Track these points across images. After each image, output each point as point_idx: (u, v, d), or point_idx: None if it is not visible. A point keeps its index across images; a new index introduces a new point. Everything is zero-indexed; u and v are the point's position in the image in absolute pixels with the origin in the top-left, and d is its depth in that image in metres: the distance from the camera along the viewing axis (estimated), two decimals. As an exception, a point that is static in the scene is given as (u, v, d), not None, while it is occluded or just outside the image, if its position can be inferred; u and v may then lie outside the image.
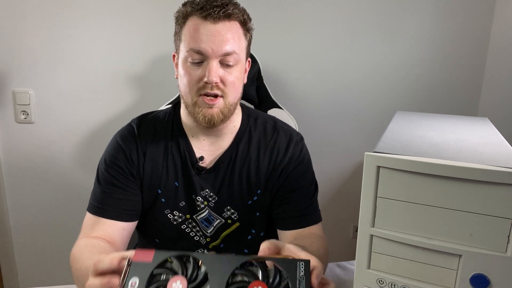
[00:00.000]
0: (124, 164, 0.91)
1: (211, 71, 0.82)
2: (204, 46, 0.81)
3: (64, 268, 1.71)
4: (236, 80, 0.86)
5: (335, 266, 0.96)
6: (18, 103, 1.52)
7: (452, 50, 1.73)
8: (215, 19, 0.81)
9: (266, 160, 0.94)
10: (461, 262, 0.56)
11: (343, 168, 1.80)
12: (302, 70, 1.65)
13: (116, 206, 0.89)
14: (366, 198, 0.59)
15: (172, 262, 0.55)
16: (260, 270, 0.54)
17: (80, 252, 0.82)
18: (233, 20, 0.84)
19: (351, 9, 1.62)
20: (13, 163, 1.58)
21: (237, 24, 0.85)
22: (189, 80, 0.85)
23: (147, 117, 0.97)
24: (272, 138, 0.95)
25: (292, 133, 0.98)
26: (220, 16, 0.81)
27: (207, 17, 0.81)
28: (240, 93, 0.90)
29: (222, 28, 0.82)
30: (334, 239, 1.86)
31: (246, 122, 0.96)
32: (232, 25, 0.84)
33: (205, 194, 0.93)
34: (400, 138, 0.68)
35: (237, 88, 0.87)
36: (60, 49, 1.50)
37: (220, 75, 0.83)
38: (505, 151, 0.62)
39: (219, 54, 0.82)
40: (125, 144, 0.92)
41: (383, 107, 1.74)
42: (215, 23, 0.82)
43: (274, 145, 0.95)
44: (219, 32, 0.82)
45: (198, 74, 0.84)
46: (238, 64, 0.86)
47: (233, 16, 0.83)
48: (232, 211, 0.93)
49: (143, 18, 1.51)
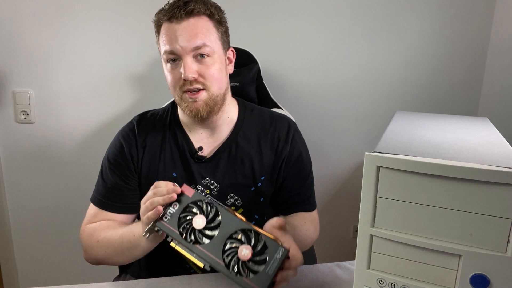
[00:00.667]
0: (125, 161, 0.96)
1: (185, 68, 0.86)
2: (175, 45, 0.86)
3: (64, 268, 1.71)
4: (216, 71, 0.89)
5: (335, 266, 0.96)
6: (18, 103, 1.52)
7: (452, 50, 1.73)
8: (178, 18, 0.86)
9: (267, 147, 0.98)
10: (461, 262, 0.56)
11: (343, 168, 1.80)
12: (302, 70, 1.65)
13: (117, 201, 0.95)
14: (366, 198, 0.59)
15: (204, 204, 0.74)
16: (254, 238, 0.70)
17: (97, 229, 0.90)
18: (197, 16, 0.87)
19: (351, 9, 1.62)
20: (13, 163, 1.58)
21: (203, 18, 0.88)
22: (171, 80, 0.90)
23: (148, 113, 1.02)
24: (271, 126, 1.00)
25: (289, 121, 1.03)
26: (181, 15, 0.85)
27: (171, 19, 0.86)
28: (225, 83, 0.94)
29: (187, 25, 0.86)
30: (334, 239, 1.86)
31: (243, 112, 1.01)
32: (198, 20, 0.87)
33: (206, 183, 0.96)
34: (400, 138, 0.68)
35: (218, 79, 0.90)
36: (60, 49, 1.50)
37: (196, 70, 0.87)
38: (505, 151, 0.62)
39: (189, 49, 0.86)
40: (125, 141, 0.97)
41: (383, 107, 1.74)
42: (179, 22, 0.86)
43: (274, 133, 0.99)
44: (185, 29, 0.86)
45: (177, 73, 0.88)
46: (214, 55, 0.89)
47: (196, 11, 0.86)
48: (235, 197, 0.97)
49: (143, 18, 1.51)
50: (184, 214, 0.74)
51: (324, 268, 0.95)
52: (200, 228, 0.72)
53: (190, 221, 0.73)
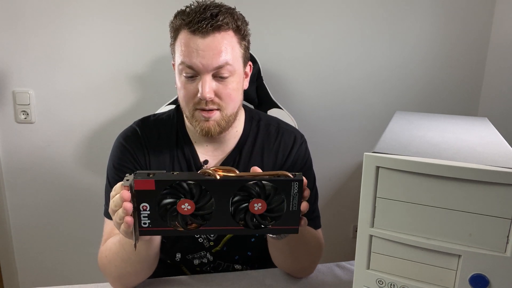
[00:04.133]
0: (132, 165, 0.90)
1: (203, 87, 0.80)
2: (195, 61, 0.79)
3: (64, 268, 1.71)
4: (233, 91, 0.84)
5: (335, 266, 0.96)
6: (18, 103, 1.52)
7: (452, 50, 1.73)
8: (203, 33, 0.78)
9: (270, 162, 0.94)
10: (460, 262, 0.56)
11: (343, 168, 1.80)
12: (302, 70, 1.65)
13: None
14: (366, 198, 0.59)
15: (176, 187, 0.60)
16: (259, 188, 0.61)
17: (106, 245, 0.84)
18: (224, 31, 0.80)
19: (351, 10, 1.62)
20: (13, 163, 1.58)
21: (229, 33, 0.81)
22: (185, 95, 0.84)
23: (149, 119, 0.97)
24: (276, 140, 0.95)
25: (296, 135, 0.98)
26: (208, 30, 0.78)
27: (195, 32, 0.79)
28: (239, 101, 0.89)
29: (212, 41, 0.79)
30: (334, 239, 1.86)
31: (249, 125, 0.96)
32: (224, 36, 0.80)
33: None
34: (400, 138, 0.68)
35: (234, 98, 0.85)
36: (60, 49, 1.50)
37: (214, 89, 0.81)
38: (505, 151, 0.62)
39: (210, 68, 0.80)
40: (130, 145, 0.91)
41: (383, 107, 1.74)
42: (204, 37, 0.79)
43: (279, 147, 0.95)
44: (209, 46, 0.79)
45: (192, 89, 0.82)
46: (234, 74, 0.83)
47: (224, 27, 0.80)
48: None
49: (144, 18, 1.51)
50: (162, 210, 0.61)
51: (323, 268, 0.95)
52: (192, 212, 0.61)
53: (175, 212, 0.61)
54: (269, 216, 0.63)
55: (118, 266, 0.81)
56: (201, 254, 0.96)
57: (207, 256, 0.97)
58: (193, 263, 0.98)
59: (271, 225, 0.63)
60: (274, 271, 0.94)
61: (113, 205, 0.63)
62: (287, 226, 0.63)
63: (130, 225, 0.62)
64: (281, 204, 0.62)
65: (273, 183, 0.61)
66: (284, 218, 0.63)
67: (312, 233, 0.90)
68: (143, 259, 0.80)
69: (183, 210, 0.61)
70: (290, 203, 0.63)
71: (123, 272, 0.81)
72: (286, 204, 0.62)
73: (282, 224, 0.63)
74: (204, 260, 0.97)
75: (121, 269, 0.81)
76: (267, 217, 0.63)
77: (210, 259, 0.97)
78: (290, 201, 0.63)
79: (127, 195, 0.60)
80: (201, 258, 0.97)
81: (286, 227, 0.64)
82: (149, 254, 0.80)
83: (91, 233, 1.64)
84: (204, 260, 0.97)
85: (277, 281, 0.90)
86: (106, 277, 0.85)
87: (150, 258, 0.81)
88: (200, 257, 0.97)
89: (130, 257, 0.78)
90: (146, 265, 0.82)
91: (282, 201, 0.62)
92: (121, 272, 0.81)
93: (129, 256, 0.78)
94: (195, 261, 0.97)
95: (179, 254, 0.97)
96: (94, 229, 1.58)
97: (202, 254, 0.96)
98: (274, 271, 0.94)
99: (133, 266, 0.80)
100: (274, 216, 0.63)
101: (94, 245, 0.98)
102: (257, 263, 1.01)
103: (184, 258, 0.97)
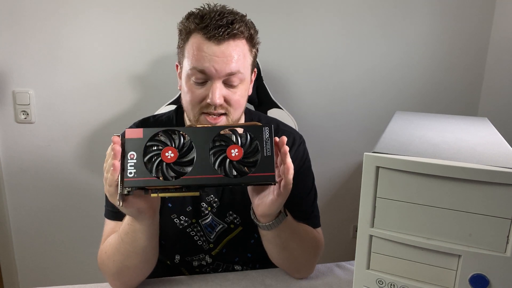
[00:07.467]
0: None
1: (214, 93, 0.80)
2: (208, 66, 0.79)
3: (64, 268, 1.71)
4: (241, 97, 0.85)
5: (335, 266, 0.96)
6: (18, 103, 1.52)
7: (452, 50, 1.73)
8: (219, 40, 0.79)
9: None
10: (460, 262, 0.56)
11: (343, 168, 1.80)
12: (301, 70, 1.65)
13: None
14: (366, 198, 0.59)
15: (161, 136, 0.67)
16: (234, 136, 0.67)
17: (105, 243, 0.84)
18: (238, 39, 0.81)
19: (350, 10, 1.62)
20: (13, 163, 1.58)
21: (243, 41, 0.83)
22: (192, 99, 0.83)
23: (149, 120, 0.96)
24: None
25: (295, 136, 0.98)
26: (224, 37, 0.79)
27: (211, 38, 0.79)
28: (244, 106, 0.89)
29: (227, 48, 0.80)
30: (334, 239, 1.86)
31: None
32: (238, 43, 0.81)
33: (210, 200, 0.93)
34: (400, 139, 0.68)
35: (241, 104, 0.86)
36: (60, 49, 1.50)
37: (224, 95, 0.82)
38: (505, 151, 0.62)
39: (223, 74, 0.80)
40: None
41: (382, 107, 1.74)
42: (219, 44, 0.79)
43: None
44: (223, 53, 0.79)
45: (201, 94, 0.82)
46: (243, 82, 0.84)
47: (239, 35, 0.81)
48: (234, 215, 0.93)
49: (144, 18, 1.51)
50: (148, 157, 0.65)
51: (323, 268, 0.95)
52: (175, 159, 0.65)
53: (160, 160, 0.65)
54: (246, 162, 0.67)
55: (116, 260, 0.80)
56: (199, 256, 0.96)
57: (206, 259, 0.96)
58: (192, 264, 0.97)
59: (249, 172, 0.67)
60: (274, 271, 0.94)
61: (105, 160, 0.68)
62: (264, 173, 0.66)
63: (116, 170, 0.64)
64: (256, 152, 0.67)
65: (246, 128, 0.68)
66: (260, 164, 0.66)
67: (305, 228, 0.90)
68: (141, 250, 0.79)
69: (167, 158, 0.65)
70: (264, 148, 0.67)
71: (122, 267, 0.81)
72: (260, 149, 0.67)
73: (259, 171, 0.66)
74: (203, 262, 0.97)
75: (120, 264, 0.80)
76: (245, 167, 0.67)
77: (209, 261, 0.97)
78: (263, 146, 0.67)
79: (117, 139, 0.65)
80: (200, 260, 0.97)
81: (263, 173, 0.66)
82: (146, 244, 0.78)
83: (91, 233, 1.64)
84: (204, 262, 0.97)
85: (277, 281, 0.90)
86: (106, 276, 0.85)
87: (147, 250, 0.79)
88: (199, 259, 0.96)
89: (128, 249, 0.78)
90: (144, 258, 0.81)
91: (256, 147, 0.67)
92: (120, 267, 0.81)
93: (127, 248, 0.78)
94: (194, 263, 0.97)
95: (178, 256, 0.97)
96: (94, 229, 1.58)
97: (201, 256, 0.96)
98: (274, 271, 0.93)
99: (131, 259, 0.80)
100: (251, 162, 0.67)
101: (94, 245, 0.98)
102: (258, 264, 1.01)
103: (183, 260, 0.97)
